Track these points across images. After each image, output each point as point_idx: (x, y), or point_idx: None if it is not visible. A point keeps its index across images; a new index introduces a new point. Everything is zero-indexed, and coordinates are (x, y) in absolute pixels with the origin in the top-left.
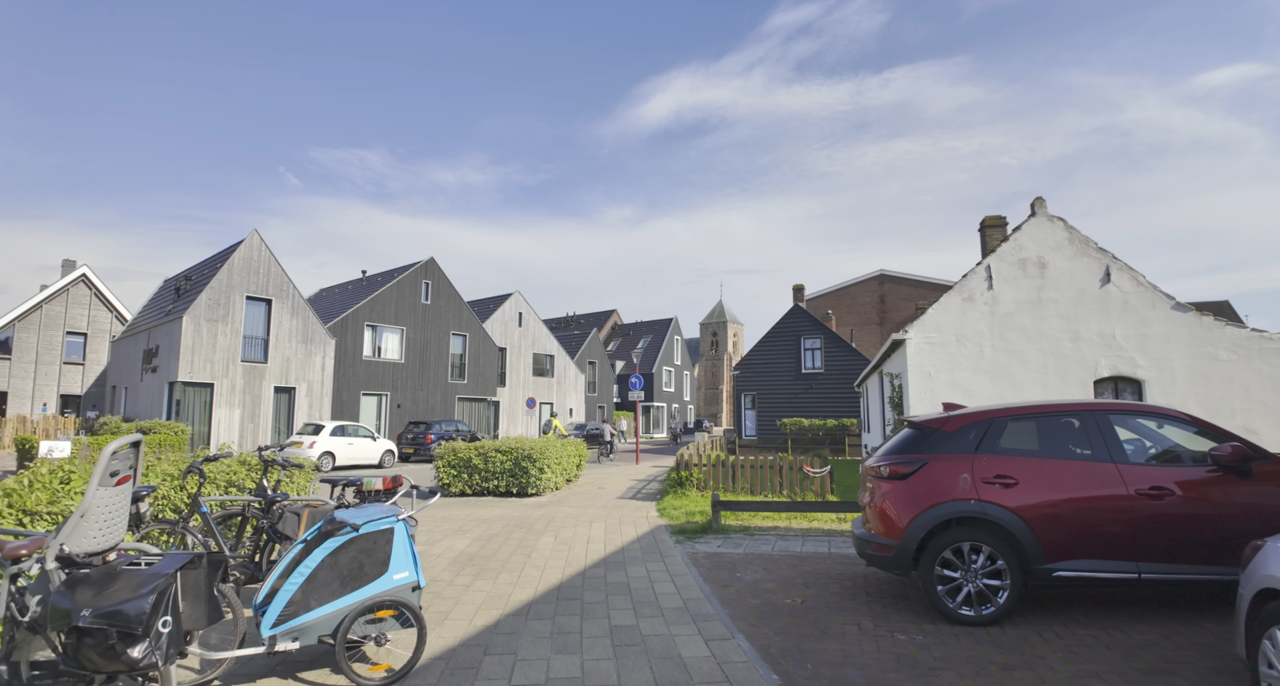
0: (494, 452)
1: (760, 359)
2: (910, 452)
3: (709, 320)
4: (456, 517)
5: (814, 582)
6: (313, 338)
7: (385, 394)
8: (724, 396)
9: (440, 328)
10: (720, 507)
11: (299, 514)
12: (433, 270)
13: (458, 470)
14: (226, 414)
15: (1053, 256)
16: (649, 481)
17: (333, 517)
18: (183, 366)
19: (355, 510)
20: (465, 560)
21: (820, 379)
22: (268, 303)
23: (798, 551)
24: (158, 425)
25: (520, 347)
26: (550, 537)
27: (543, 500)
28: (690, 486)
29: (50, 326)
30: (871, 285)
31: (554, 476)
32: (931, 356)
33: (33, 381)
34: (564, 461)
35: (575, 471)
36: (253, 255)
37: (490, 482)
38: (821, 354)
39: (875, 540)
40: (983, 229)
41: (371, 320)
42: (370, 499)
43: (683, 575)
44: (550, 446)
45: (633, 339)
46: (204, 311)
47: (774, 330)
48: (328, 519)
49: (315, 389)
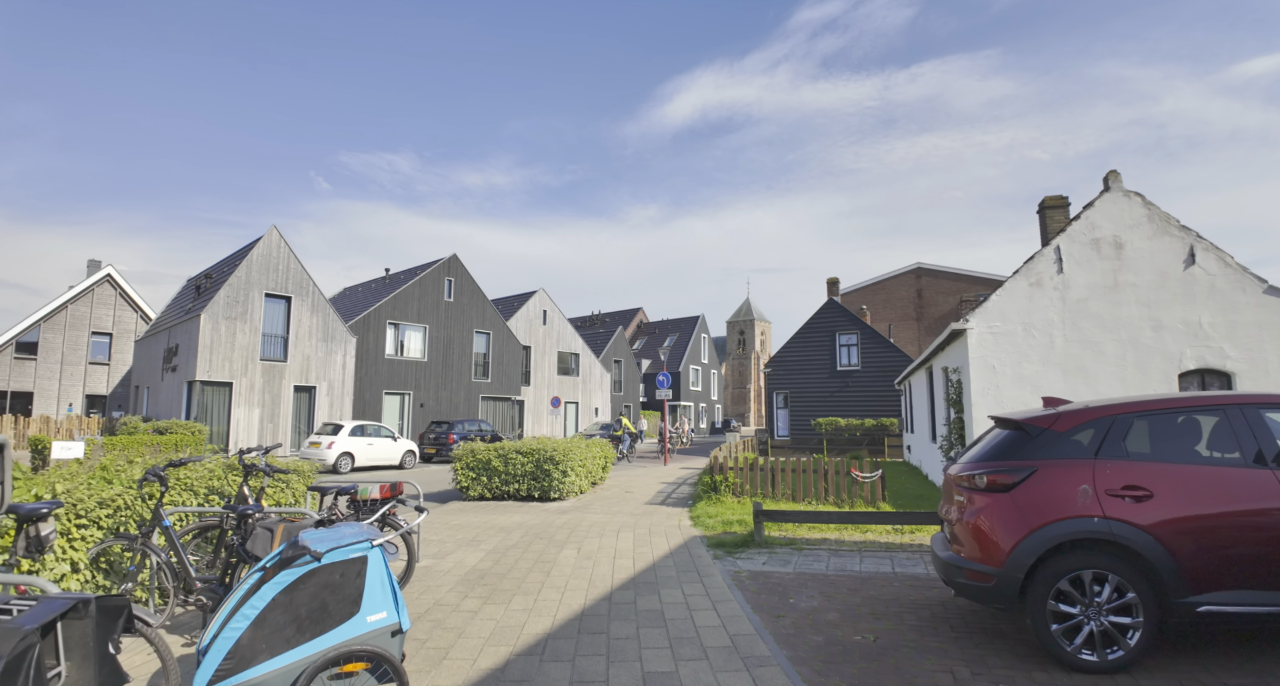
0: (514, 454)
1: (793, 356)
2: (1013, 458)
3: (736, 318)
4: (472, 525)
5: (885, 613)
6: (333, 335)
7: (408, 393)
8: (752, 395)
9: (463, 325)
10: (764, 518)
11: (273, 529)
12: (455, 267)
13: (476, 473)
14: (245, 413)
15: (1130, 236)
16: (679, 485)
17: (295, 540)
18: (201, 365)
19: (324, 531)
20: (476, 578)
21: (857, 376)
22: (287, 300)
23: (857, 570)
24: (175, 425)
25: (544, 346)
26: (573, 550)
27: (566, 505)
28: (725, 492)
29: (76, 327)
30: (908, 279)
31: (578, 479)
32: (996, 348)
33: (58, 382)
34: (588, 463)
35: (601, 474)
36: (271, 252)
37: (511, 486)
38: (858, 350)
39: (969, 566)
40: (1042, 210)
41: (394, 318)
42: (365, 509)
43: (726, 601)
44: (574, 448)
45: (658, 337)
46: (222, 309)
47: (807, 326)
48: (290, 542)
49: (336, 388)
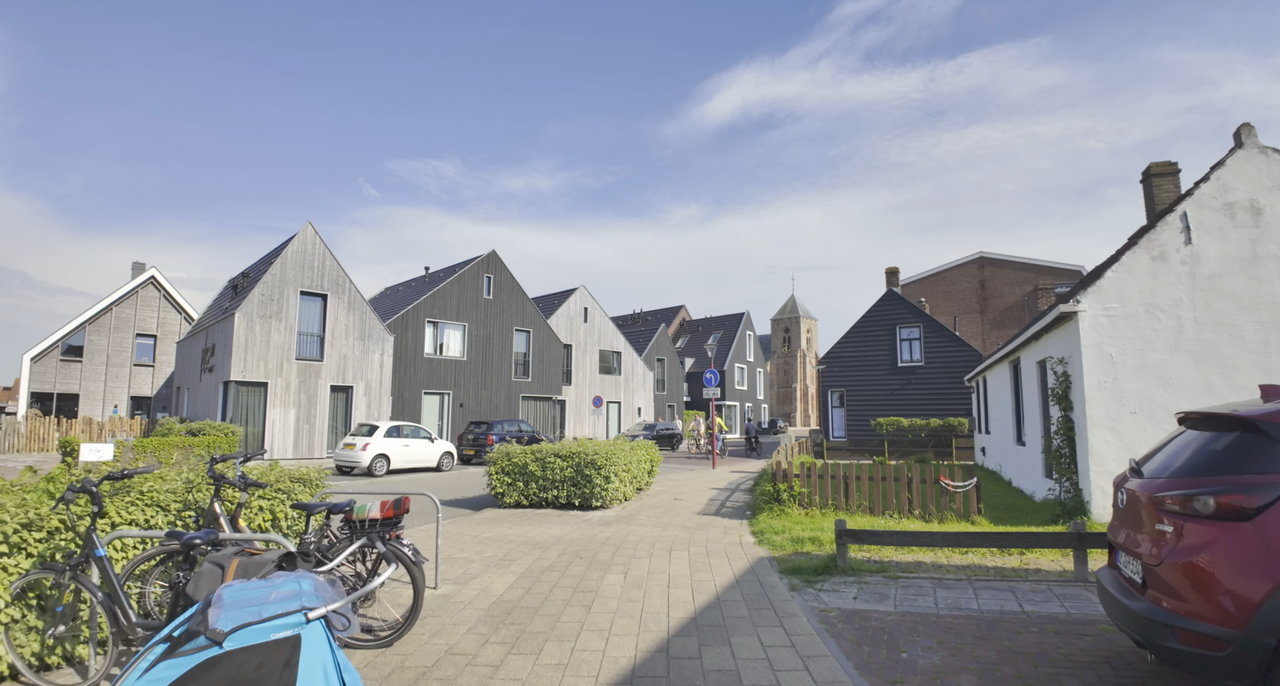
0: (553, 458)
1: (849, 351)
2: (1250, 471)
3: (780, 315)
4: (504, 539)
5: (1036, 676)
6: (370, 334)
7: (447, 392)
8: (797, 395)
9: (503, 323)
10: (849, 539)
11: (224, 566)
12: (494, 264)
13: (512, 478)
14: (281, 414)
15: (1270, 199)
16: (731, 490)
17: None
18: (235, 365)
19: (257, 587)
20: (502, 613)
21: (920, 372)
22: (323, 298)
23: (974, 608)
24: (208, 426)
25: (586, 344)
26: (618, 575)
27: (609, 515)
28: (790, 503)
29: (121, 329)
30: (970, 269)
31: (622, 486)
32: (1114, 333)
33: (103, 383)
34: (633, 468)
35: (647, 479)
36: (306, 249)
37: (549, 493)
38: (920, 345)
39: (1186, 626)
40: (1147, 179)
41: (433, 316)
42: (361, 531)
43: (820, 656)
44: (617, 451)
45: (702, 335)
46: (257, 308)
47: (865, 319)
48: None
49: (373, 387)
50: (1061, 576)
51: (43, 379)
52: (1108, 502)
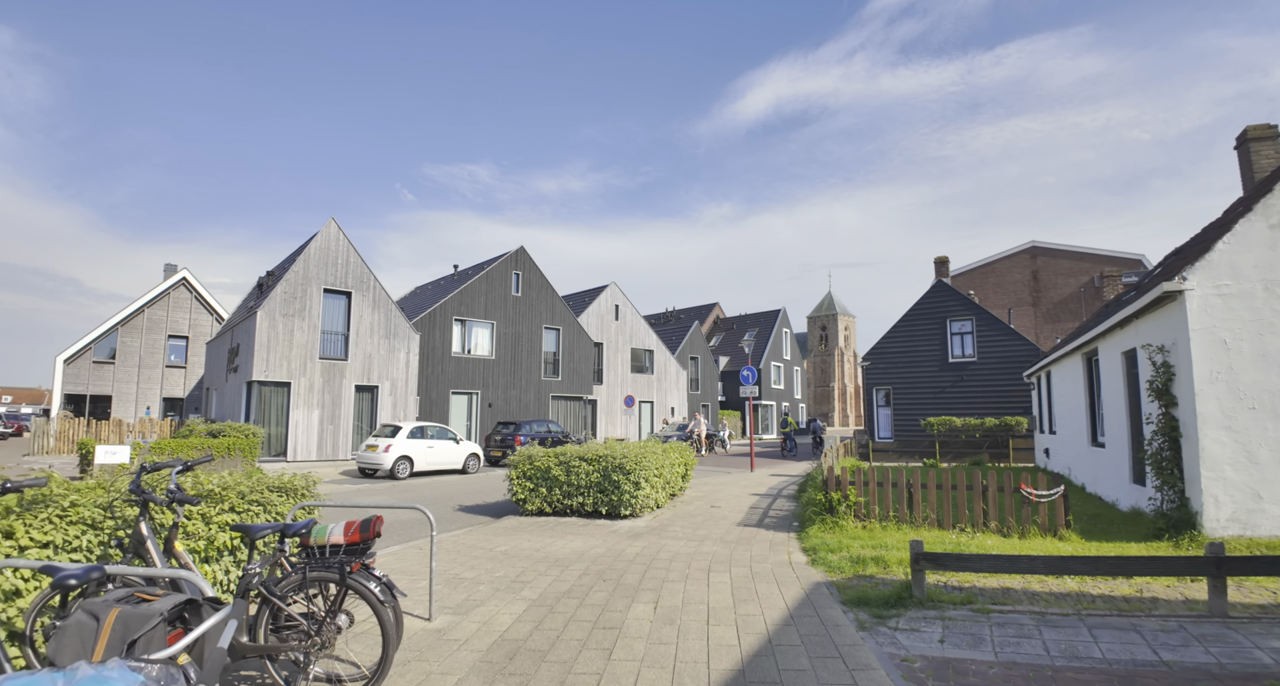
0: (578, 462)
1: (896, 346)
2: None
3: (817, 313)
4: (520, 554)
5: None
6: (396, 332)
7: (476, 392)
8: (835, 394)
9: (532, 321)
10: (926, 563)
11: (100, 617)
12: (523, 260)
13: (535, 483)
14: (304, 415)
15: None
16: (773, 496)
17: None
18: (258, 365)
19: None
20: (503, 657)
21: (972, 368)
22: (347, 295)
23: (1098, 656)
24: (228, 428)
25: (617, 342)
26: (647, 605)
27: (639, 525)
28: (845, 514)
29: (153, 330)
30: (1021, 260)
31: (654, 492)
32: (1228, 315)
33: (136, 385)
34: (665, 472)
35: (680, 484)
36: (330, 246)
37: (573, 499)
38: (973, 339)
39: None
40: (1243, 144)
41: (460, 314)
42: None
43: None
44: (648, 454)
45: (736, 333)
46: (279, 306)
47: (913, 312)
48: None
49: (399, 387)
50: (1191, 609)
51: (76, 381)
52: (1223, 514)
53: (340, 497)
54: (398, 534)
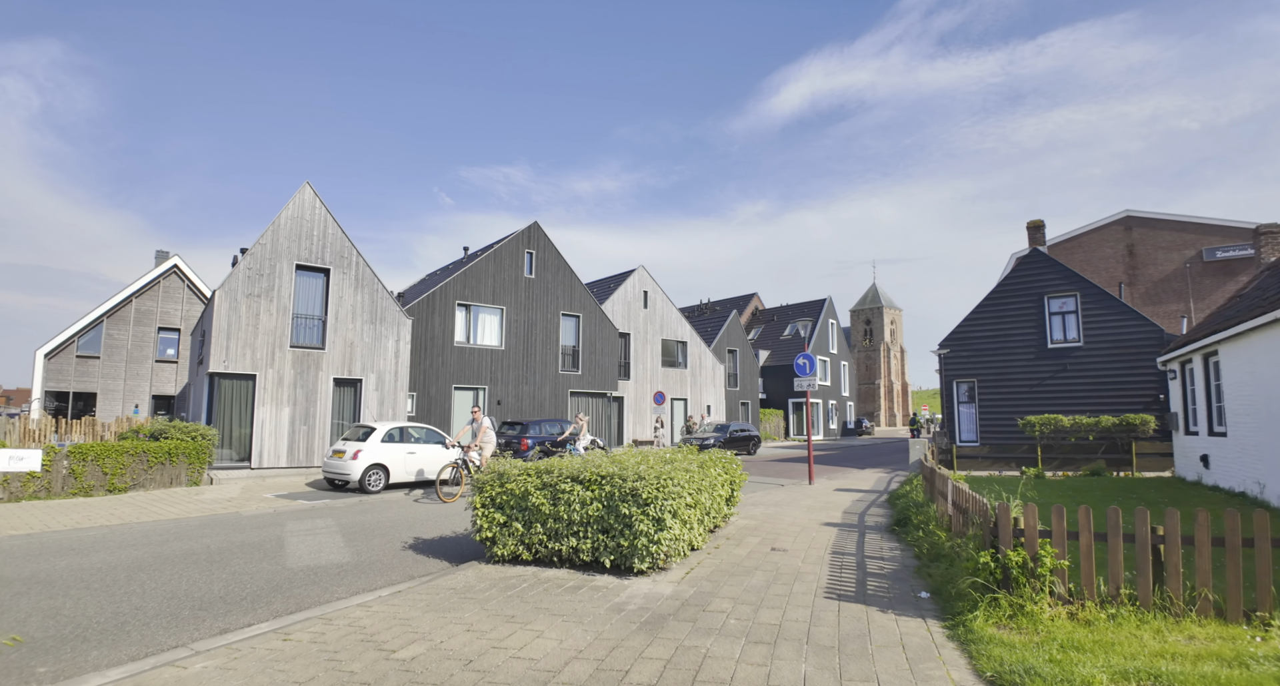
0: (569, 484)
1: (981, 330)
2: None
3: (861, 306)
4: (433, 673)
5: None
6: (384, 317)
7: (482, 387)
8: (881, 392)
9: (547, 307)
10: None
11: None
12: (537, 237)
13: (508, 514)
14: (272, 413)
15: None
16: (857, 527)
17: None
18: (215, 353)
19: None
20: None
21: (1078, 355)
22: (324, 273)
23: None
24: (173, 428)
25: (646, 333)
26: None
27: (662, 592)
28: (1034, 591)
29: (142, 322)
30: (1114, 232)
31: (684, 531)
32: None
33: (123, 381)
34: (704, 497)
35: (724, 509)
36: (304, 215)
37: (563, 542)
38: (1078, 319)
39: None
40: None
41: (464, 298)
42: None
43: None
44: (675, 470)
45: (778, 325)
46: (242, 285)
47: (1001, 288)
48: None
49: (387, 381)
50: None
51: (59, 377)
52: None
53: (261, 524)
54: (260, 603)
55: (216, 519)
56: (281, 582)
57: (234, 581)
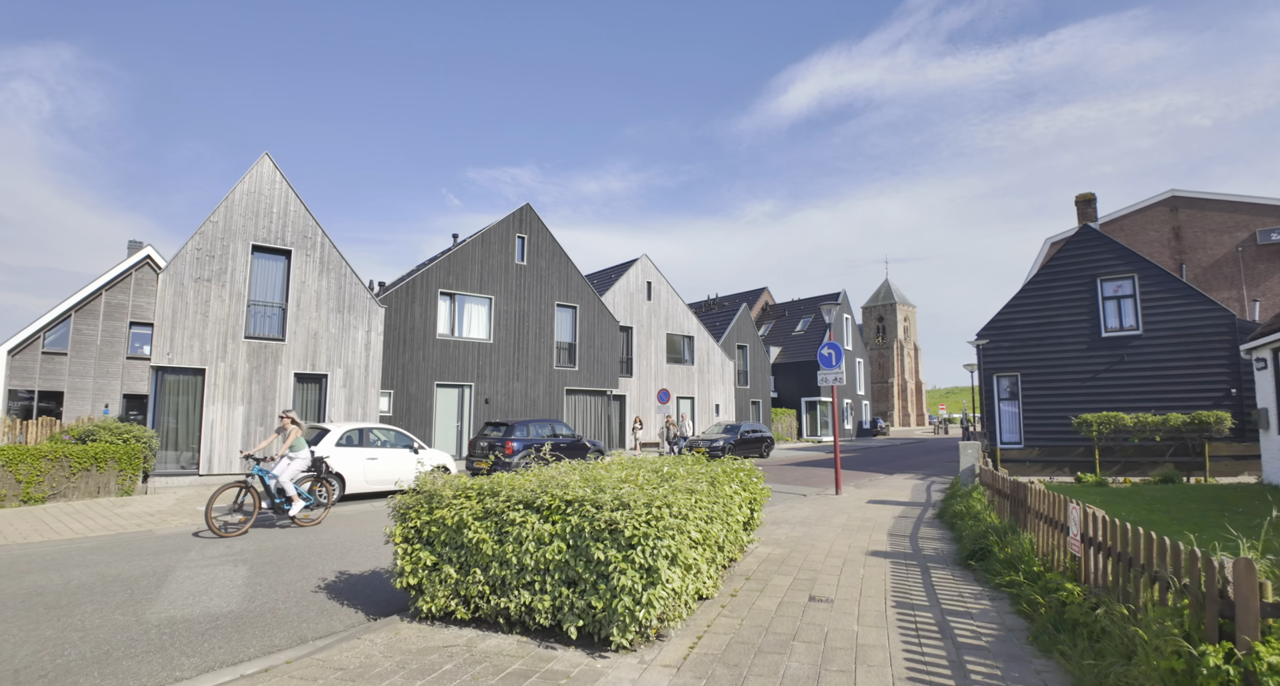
0: (519, 513)
1: (1024, 318)
2: None
3: (873, 303)
4: None
5: None
6: (352, 305)
7: (468, 385)
8: (895, 390)
9: (541, 296)
10: None
11: None
12: (529, 221)
13: (439, 554)
14: (223, 412)
15: None
16: (919, 559)
17: None
18: (159, 344)
19: None
20: None
21: (1137, 345)
22: (285, 255)
23: None
24: (101, 430)
25: (650, 327)
26: None
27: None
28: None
29: (113, 316)
30: (1158, 213)
31: (687, 580)
32: None
33: (92, 379)
34: (715, 528)
35: (741, 539)
36: (262, 190)
37: (511, 597)
38: (1136, 304)
39: None
40: None
41: (448, 287)
42: None
43: None
44: (676, 496)
45: (789, 320)
46: (189, 268)
47: (1048, 270)
48: None
49: (356, 376)
50: None
51: (24, 375)
52: None
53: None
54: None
55: (118, 540)
56: (117, 646)
57: (55, 643)
